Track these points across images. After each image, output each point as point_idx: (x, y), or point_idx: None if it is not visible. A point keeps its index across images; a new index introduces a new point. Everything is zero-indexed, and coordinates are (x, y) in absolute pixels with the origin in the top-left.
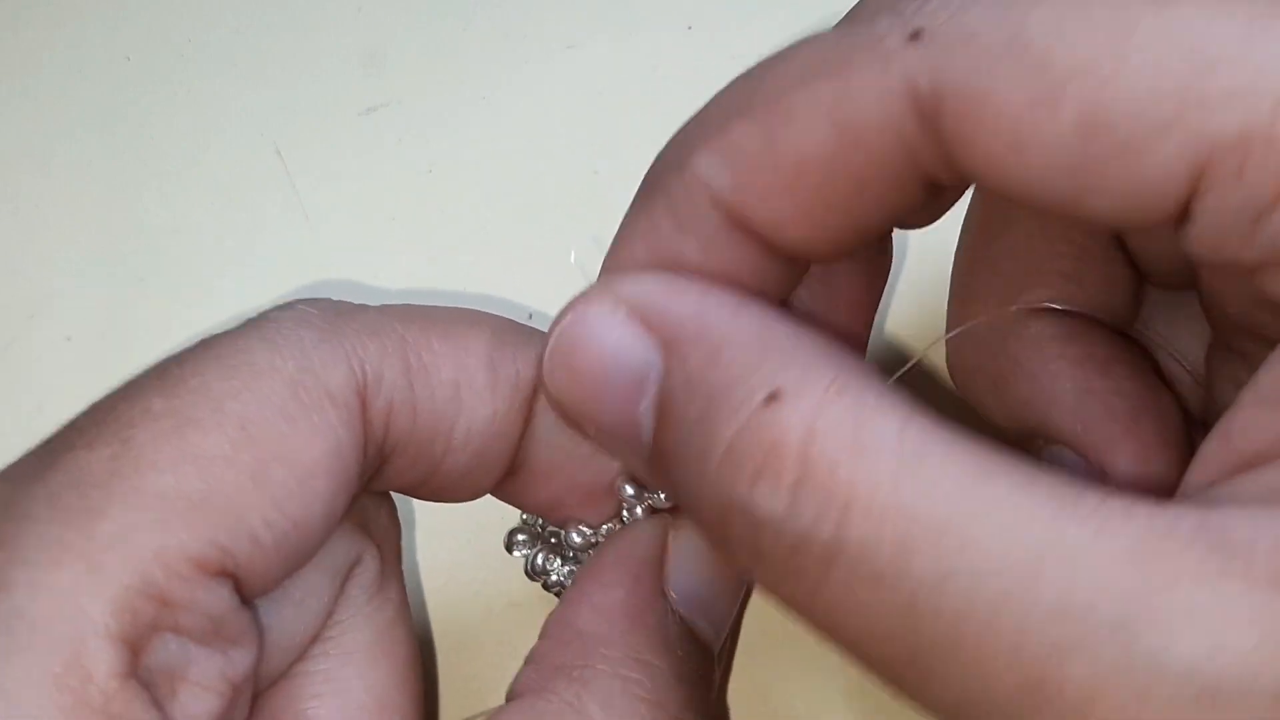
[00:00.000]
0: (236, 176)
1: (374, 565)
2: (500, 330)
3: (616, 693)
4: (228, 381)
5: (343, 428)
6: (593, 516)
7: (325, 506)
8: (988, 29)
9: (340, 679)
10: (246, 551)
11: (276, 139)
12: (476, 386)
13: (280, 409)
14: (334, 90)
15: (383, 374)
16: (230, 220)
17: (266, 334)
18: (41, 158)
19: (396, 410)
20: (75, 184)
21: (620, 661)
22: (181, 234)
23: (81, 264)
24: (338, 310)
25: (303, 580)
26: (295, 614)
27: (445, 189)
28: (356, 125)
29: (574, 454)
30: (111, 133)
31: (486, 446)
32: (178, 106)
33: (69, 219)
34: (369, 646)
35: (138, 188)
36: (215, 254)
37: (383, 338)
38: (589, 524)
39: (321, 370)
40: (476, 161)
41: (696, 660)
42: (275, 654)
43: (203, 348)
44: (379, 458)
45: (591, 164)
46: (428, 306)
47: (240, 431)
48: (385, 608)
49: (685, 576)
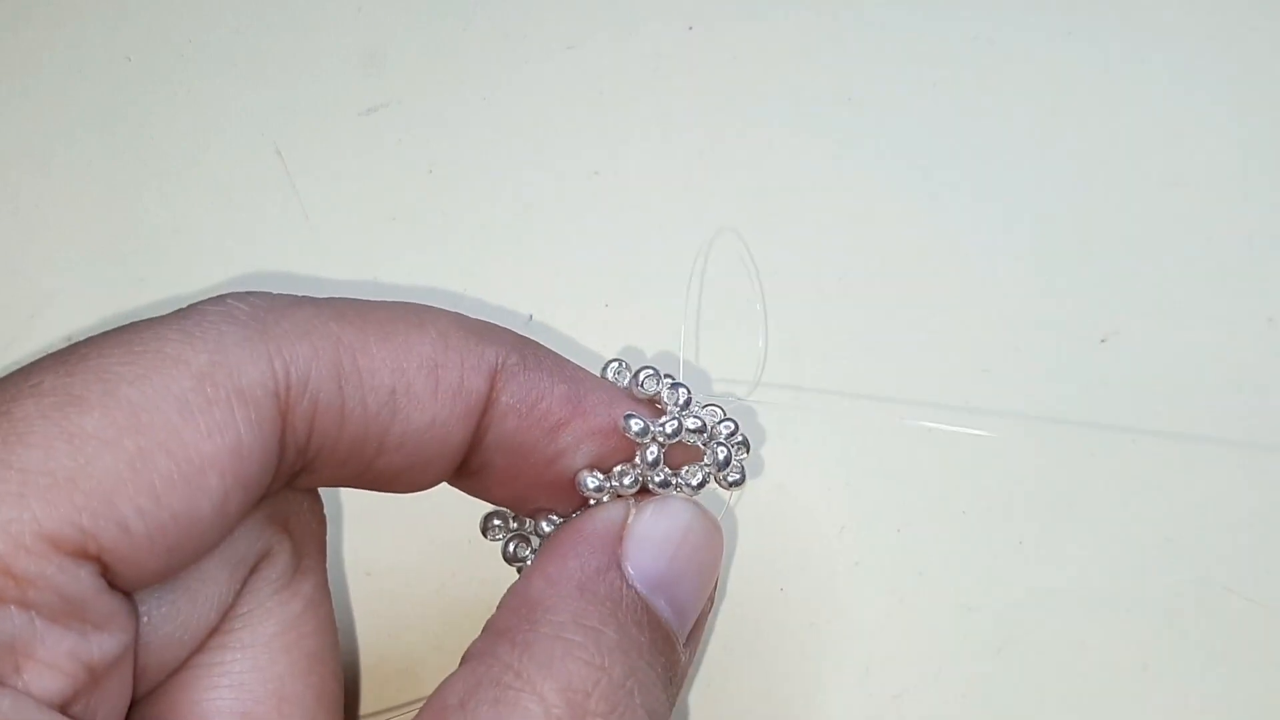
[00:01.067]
0: (236, 176)
1: (285, 559)
2: (448, 332)
3: (557, 654)
4: (129, 366)
5: (248, 426)
6: (562, 507)
7: (216, 503)
8: None
9: (238, 671)
10: (113, 536)
11: (276, 139)
12: (415, 391)
13: (179, 400)
14: (334, 90)
15: (309, 376)
16: (230, 220)
17: (186, 325)
18: (41, 158)
19: (322, 413)
20: (75, 184)
21: (564, 625)
22: (181, 234)
23: (81, 264)
24: (271, 307)
25: (199, 571)
26: (189, 605)
27: (445, 189)
28: (356, 125)
29: (536, 457)
30: (111, 133)
31: (424, 450)
32: (178, 106)
33: (69, 219)
34: (271, 639)
35: (138, 188)
36: (215, 254)
37: (314, 338)
38: (559, 513)
39: (236, 366)
40: (476, 161)
41: (651, 636)
42: (169, 645)
43: (118, 331)
44: (300, 458)
45: (592, 164)
46: (372, 303)
47: (129, 417)
48: (293, 601)
49: (643, 553)
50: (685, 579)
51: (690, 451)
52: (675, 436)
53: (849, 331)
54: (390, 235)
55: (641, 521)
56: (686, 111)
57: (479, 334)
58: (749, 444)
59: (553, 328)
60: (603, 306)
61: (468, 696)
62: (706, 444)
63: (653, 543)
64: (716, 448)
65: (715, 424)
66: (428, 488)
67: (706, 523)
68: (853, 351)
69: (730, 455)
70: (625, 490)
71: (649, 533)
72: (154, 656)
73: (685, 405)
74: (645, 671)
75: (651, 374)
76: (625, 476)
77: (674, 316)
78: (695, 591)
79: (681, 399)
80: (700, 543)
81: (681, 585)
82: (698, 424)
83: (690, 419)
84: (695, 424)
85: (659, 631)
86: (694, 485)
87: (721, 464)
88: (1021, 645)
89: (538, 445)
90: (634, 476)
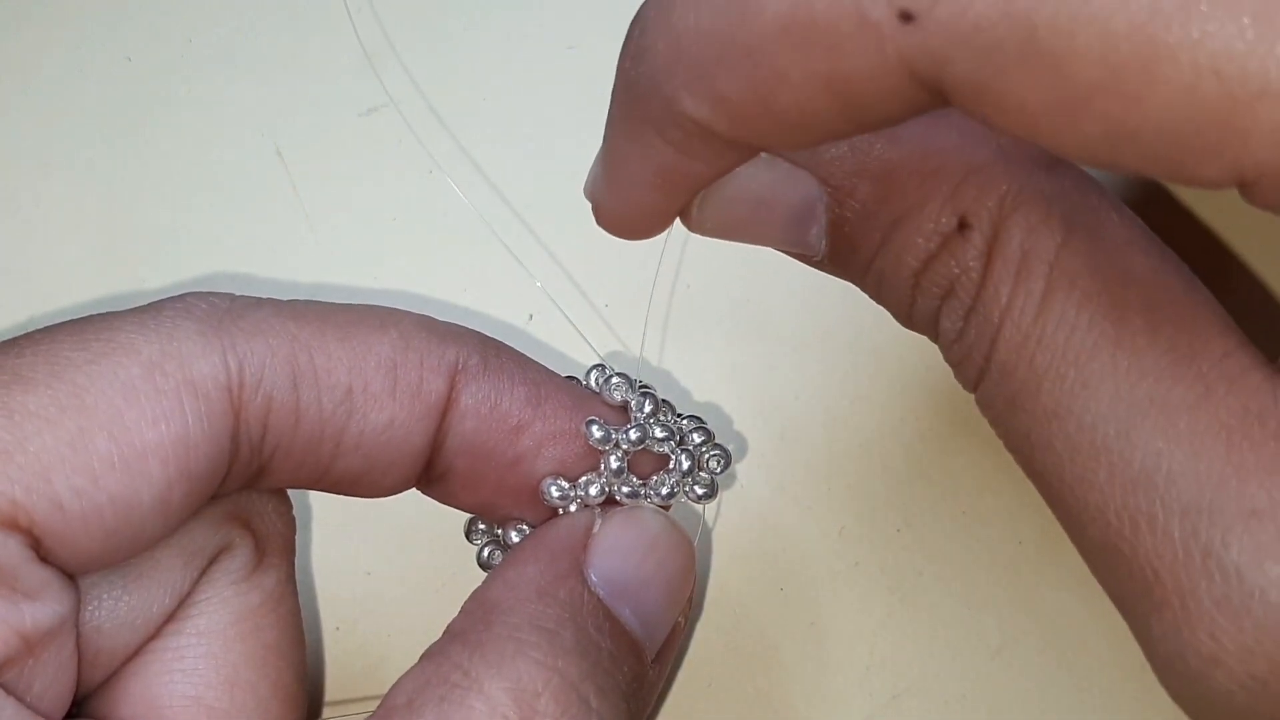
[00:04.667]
0: (236, 176)
1: (246, 554)
2: (410, 334)
3: (508, 654)
4: (79, 352)
5: (196, 419)
6: (531, 516)
7: (157, 492)
8: (993, 20)
9: (191, 658)
10: (45, 512)
11: (276, 139)
12: (372, 391)
13: (125, 386)
14: (334, 90)
15: (263, 373)
16: (230, 220)
17: (143, 317)
18: (41, 158)
19: (276, 411)
20: (75, 184)
21: (518, 627)
22: (181, 234)
23: (81, 264)
24: (230, 306)
25: (151, 558)
26: (141, 591)
27: (445, 189)
28: (356, 125)
29: (497, 460)
30: (111, 132)
31: (383, 452)
32: (178, 106)
33: (69, 219)
34: (226, 628)
35: (138, 188)
36: (215, 254)
37: (270, 337)
38: (529, 523)
39: (187, 358)
40: (477, 162)
41: (614, 644)
42: (122, 630)
43: (74, 320)
44: (255, 456)
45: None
46: (335, 305)
47: (72, 398)
48: (252, 593)
49: (607, 560)
50: (652, 588)
51: (663, 462)
52: (639, 444)
53: None
54: (390, 236)
55: (607, 529)
56: None
57: (441, 335)
58: (728, 456)
59: (553, 328)
60: (604, 306)
61: (415, 695)
62: (674, 453)
63: (618, 551)
64: (682, 457)
65: (689, 433)
66: (392, 493)
67: (676, 534)
68: None
69: (696, 465)
70: (591, 500)
71: (614, 541)
72: (107, 641)
73: (653, 413)
74: (604, 678)
75: (621, 380)
76: (591, 486)
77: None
78: (664, 602)
79: (648, 406)
80: (669, 552)
81: (648, 595)
82: (665, 433)
83: (658, 428)
84: (663, 433)
85: (623, 640)
86: (663, 495)
87: (685, 474)
88: (1021, 645)
89: (498, 448)
90: (600, 486)
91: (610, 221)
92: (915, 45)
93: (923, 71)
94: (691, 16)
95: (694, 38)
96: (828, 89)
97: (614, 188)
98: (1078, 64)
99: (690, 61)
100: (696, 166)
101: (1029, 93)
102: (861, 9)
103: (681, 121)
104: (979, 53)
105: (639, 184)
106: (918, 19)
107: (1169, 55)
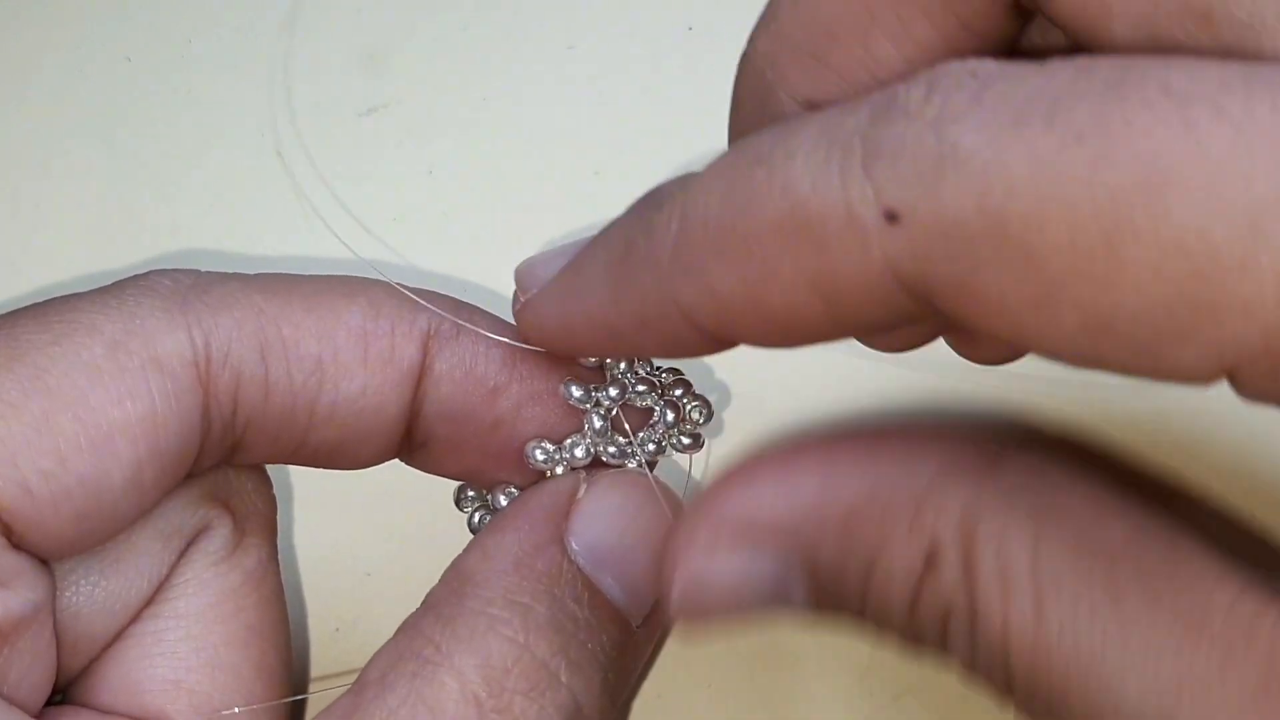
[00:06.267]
0: (236, 176)
1: (225, 534)
2: (379, 301)
3: (479, 630)
4: (39, 334)
5: (163, 396)
6: (519, 479)
7: (128, 471)
8: (968, 216)
9: (171, 640)
10: (14, 497)
11: (276, 139)
12: (344, 360)
13: (89, 366)
14: (334, 90)
15: (229, 347)
16: (230, 220)
17: (105, 297)
18: (41, 158)
19: (245, 385)
20: (75, 184)
21: (491, 601)
22: (181, 234)
23: (81, 264)
24: (194, 282)
25: (128, 542)
26: (118, 575)
27: (445, 190)
28: (356, 125)
29: (477, 425)
30: (111, 133)
31: (358, 421)
32: (178, 106)
33: (69, 219)
34: (206, 610)
35: (138, 188)
36: (215, 254)
37: (236, 310)
38: (517, 486)
39: (151, 336)
40: (477, 162)
41: (593, 614)
42: (99, 615)
43: (35, 305)
44: (228, 432)
45: (592, 164)
46: (302, 276)
47: (34, 380)
48: (232, 574)
49: (590, 527)
50: (638, 555)
51: (647, 417)
52: (620, 400)
53: None
54: (390, 236)
55: (592, 494)
56: (687, 111)
57: (412, 301)
58: (710, 406)
59: None
60: None
61: (388, 669)
62: (657, 405)
63: (602, 516)
64: (666, 409)
65: (668, 384)
66: (373, 463)
67: (665, 496)
68: None
69: (679, 416)
70: (577, 462)
71: (598, 506)
72: (85, 626)
73: (629, 368)
74: (578, 651)
75: None
76: (576, 448)
77: None
78: (651, 569)
79: (623, 362)
80: (656, 516)
81: (633, 561)
82: (645, 386)
83: (639, 382)
84: (643, 386)
85: (603, 610)
86: (649, 451)
87: (670, 425)
88: None
89: (476, 411)
90: (585, 447)
91: (534, 321)
92: (900, 247)
93: (907, 273)
94: (703, 201)
95: (701, 225)
96: (814, 288)
97: (560, 300)
98: (1048, 251)
99: (694, 249)
100: (662, 334)
101: (1008, 286)
102: (850, 207)
103: (670, 310)
104: (958, 249)
105: (590, 312)
106: (902, 219)
107: (1133, 235)
